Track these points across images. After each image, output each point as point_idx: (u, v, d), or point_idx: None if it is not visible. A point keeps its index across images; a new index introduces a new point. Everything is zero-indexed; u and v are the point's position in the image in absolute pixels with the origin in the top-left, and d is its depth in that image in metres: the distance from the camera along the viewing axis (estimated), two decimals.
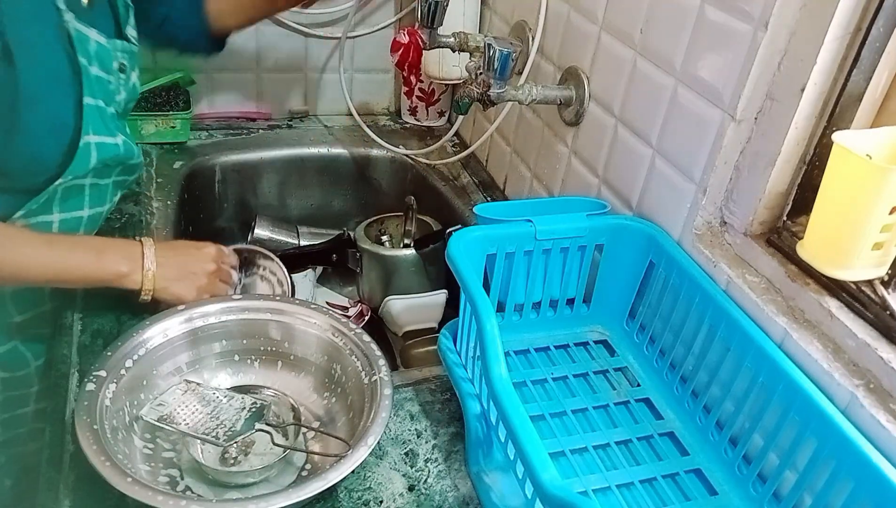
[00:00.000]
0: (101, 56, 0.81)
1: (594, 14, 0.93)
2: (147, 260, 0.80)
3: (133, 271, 0.79)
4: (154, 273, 0.80)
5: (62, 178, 0.78)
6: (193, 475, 0.70)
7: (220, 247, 0.89)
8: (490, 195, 1.25)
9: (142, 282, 0.80)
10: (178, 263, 0.83)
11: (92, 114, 0.80)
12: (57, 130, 0.76)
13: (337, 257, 1.16)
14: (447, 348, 0.78)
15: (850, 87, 0.65)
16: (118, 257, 0.79)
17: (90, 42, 0.79)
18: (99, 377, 0.67)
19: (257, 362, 0.81)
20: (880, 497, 0.55)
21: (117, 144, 0.84)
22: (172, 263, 0.82)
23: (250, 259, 0.97)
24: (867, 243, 0.60)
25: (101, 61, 0.81)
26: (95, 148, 0.80)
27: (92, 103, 0.80)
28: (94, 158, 0.81)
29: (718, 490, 0.70)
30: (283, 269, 0.96)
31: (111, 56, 0.83)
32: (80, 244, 0.80)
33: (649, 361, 0.83)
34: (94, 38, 0.80)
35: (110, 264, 0.79)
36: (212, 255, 0.86)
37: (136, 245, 0.81)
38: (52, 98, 0.75)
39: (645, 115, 0.84)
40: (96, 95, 0.81)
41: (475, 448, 0.71)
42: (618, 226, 0.84)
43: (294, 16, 1.33)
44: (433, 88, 1.42)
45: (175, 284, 0.82)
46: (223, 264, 0.88)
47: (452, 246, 0.73)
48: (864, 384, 0.60)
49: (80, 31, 0.77)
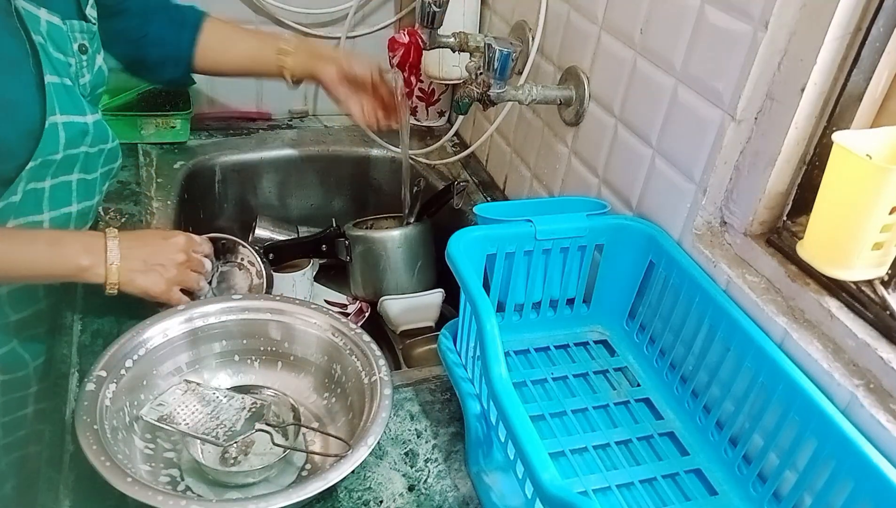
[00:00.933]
0: (55, 36, 0.78)
1: (594, 14, 0.93)
2: (110, 253, 0.77)
3: (95, 265, 0.76)
4: (118, 266, 0.77)
5: (32, 161, 0.76)
6: (193, 475, 0.70)
7: (191, 236, 0.86)
8: (490, 195, 1.25)
9: (105, 275, 0.77)
10: (143, 254, 0.80)
11: (58, 92, 0.77)
12: (9, 112, 0.73)
13: (326, 247, 1.16)
14: (447, 348, 0.78)
15: (850, 87, 0.65)
16: (78, 249, 0.76)
17: (41, 22, 0.76)
18: (99, 377, 0.67)
19: (257, 362, 0.81)
20: (880, 497, 0.55)
21: (86, 122, 0.81)
22: (137, 254, 0.79)
23: (229, 247, 0.95)
24: (867, 242, 0.60)
25: (55, 42, 0.78)
26: (63, 128, 0.77)
27: (57, 81, 0.77)
28: (62, 137, 0.78)
29: (718, 490, 0.70)
30: (259, 259, 0.95)
31: (66, 37, 0.80)
32: (38, 238, 0.78)
33: (649, 361, 0.83)
34: (45, 18, 0.76)
35: (70, 256, 0.76)
36: (180, 245, 0.83)
37: (98, 237, 0.78)
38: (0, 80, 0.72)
39: (645, 115, 0.84)
40: (61, 73, 0.78)
41: (475, 448, 0.71)
42: (618, 226, 0.84)
43: (294, 16, 1.33)
44: (433, 88, 1.42)
45: (141, 276, 0.79)
46: (194, 253, 0.84)
47: (452, 246, 0.73)
48: (864, 384, 0.60)
49: (28, 9, 0.74)
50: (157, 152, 1.23)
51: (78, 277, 0.77)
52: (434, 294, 1.15)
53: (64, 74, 0.79)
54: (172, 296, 0.82)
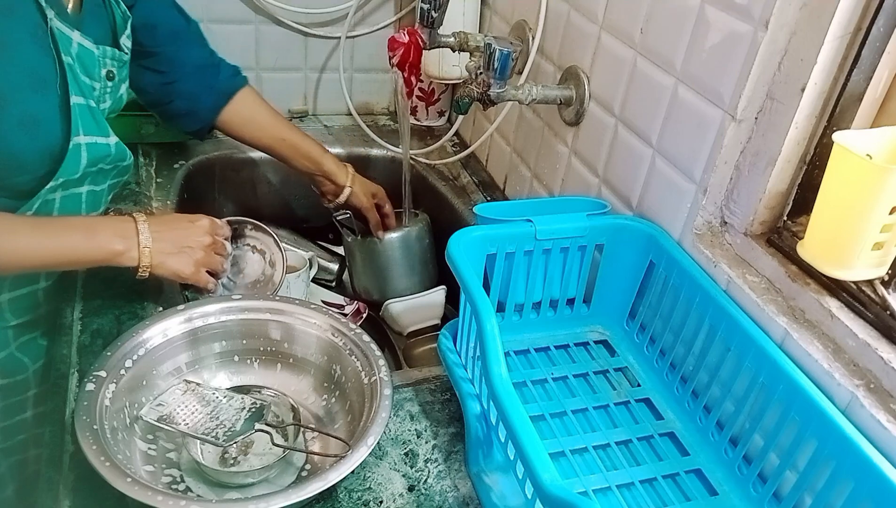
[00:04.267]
0: (85, 59, 0.80)
1: (594, 14, 0.93)
2: (142, 236, 0.79)
3: (129, 249, 0.78)
4: (150, 249, 0.79)
5: (53, 180, 0.77)
6: (193, 475, 0.70)
7: (213, 219, 0.87)
8: (490, 195, 1.25)
9: (139, 258, 0.78)
10: (173, 237, 0.81)
11: (83, 113, 0.79)
12: (30, 127, 0.74)
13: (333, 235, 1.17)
14: (447, 348, 0.78)
15: (851, 86, 0.65)
16: (112, 235, 0.78)
17: (72, 44, 0.78)
18: (99, 377, 0.67)
19: (257, 362, 0.81)
20: (880, 498, 0.55)
21: (109, 144, 0.83)
22: (168, 237, 0.81)
23: (240, 232, 0.96)
24: (867, 242, 0.60)
25: (84, 65, 0.80)
26: (86, 148, 0.79)
27: (82, 103, 0.79)
28: (84, 158, 0.79)
29: (719, 490, 0.70)
30: (275, 239, 0.96)
31: (96, 61, 0.82)
32: (72, 225, 0.79)
33: (649, 361, 0.83)
34: (77, 40, 0.78)
35: (105, 242, 0.77)
36: (206, 227, 0.85)
37: (128, 221, 0.80)
38: (25, 97, 0.74)
39: (645, 115, 0.84)
40: (86, 95, 0.80)
41: (475, 448, 0.71)
42: (618, 226, 0.84)
43: (294, 15, 1.33)
44: (433, 87, 1.42)
45: (172, 258, 0.80)
46: (217, 236, 0.87)
47: (452, 246, 0.73)
48: (865, 384, 0.60)
49: (62, 30, 0.76)
50: (157, 152, 1.23)
51: (112, 261, 0.78)
52: (437, 292, 1.15)
53: (89, 96, 0.80)
54: (201, 278, 0.84)
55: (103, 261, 0.78)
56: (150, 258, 0.79)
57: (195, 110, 1.02)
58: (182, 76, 0.99)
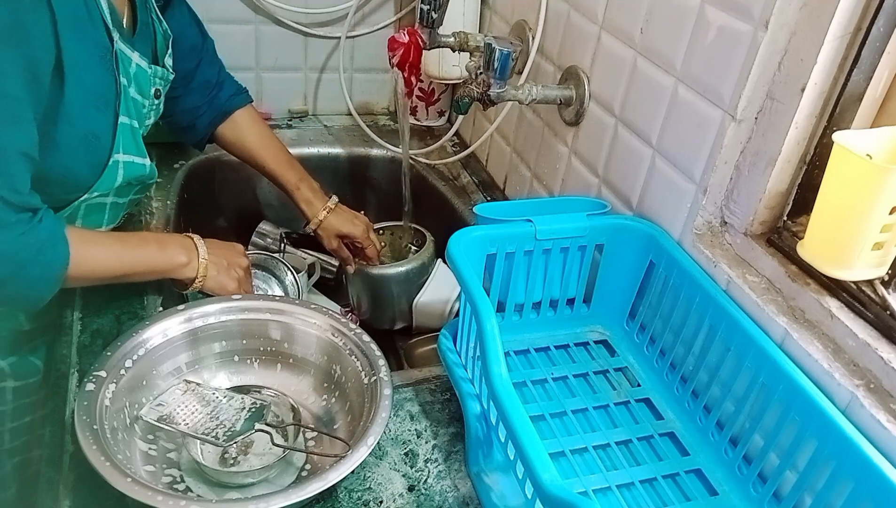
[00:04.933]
0: (140, 79, 0.85)
1: (594, 14, 0.93)
2: (200, 249, 0.86)
3: (191, 261, 0.85)
4: (207, 263, 0.86)
5: (87, 194, 0.81)
6: (193, 475, 0.70)
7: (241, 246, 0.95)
8: (490, 195, 1.25)
9: (198, 270, 0.85)
10: (222, 255, 0.89)
11: (125, 133, 0.83)
12: (91, 146, 0.79)
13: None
14: (447, 348, 0.78)
15: (851, 87, 0.65)
16: (178, 249, 0.85)
17: (132, 64, 0.83)
18: (99, 377, 0.67)
19: (257, 362, 0.81)
20: (880, 498, 0.55)
21: (145, 165, 0.88)
22: (219, 254, 0.88)
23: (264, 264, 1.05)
24: (867, 242, 0.60)
25: (139, 84, 0.85)
26: (123, 167, 0.84)
27: (126, 123, 0.83)
28: (120, 176, 0.84)
29: (719, 490, 0.70)
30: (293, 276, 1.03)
31: (150, 81, 0.87)
32: (147, 240, 0.86)
33: (649, 361, 0.83)
34: (136, 62, 0.83)
35: (173, 255, 0.84)
36: (243, 252, 0.93)
37: (189, 239, 0.87)
38: (89, 115, 0.77)
39: (645, 115, 0.84)
40: (131, 115, 0.84)
41: (475, 448, 0.71)
42: (618, 226, 0.84)
43: (294, 15, 1.33)
44: (433, 87, 1.42)
45: (223, 274, 0.88)
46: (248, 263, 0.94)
47: (452, 246, 0.73)
48: (865, 384, 0.60)
49: (124, 52, 0.80)
50: (156, 152, 1.22)
51: (175, 272, 0.85)
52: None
53: (134, 116, 0.85)
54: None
55: (170, 271, 0.84)
56: (206, 271, 0.86)
57: (194, 126, 1.06)
58: (187, 92, 1.02)
